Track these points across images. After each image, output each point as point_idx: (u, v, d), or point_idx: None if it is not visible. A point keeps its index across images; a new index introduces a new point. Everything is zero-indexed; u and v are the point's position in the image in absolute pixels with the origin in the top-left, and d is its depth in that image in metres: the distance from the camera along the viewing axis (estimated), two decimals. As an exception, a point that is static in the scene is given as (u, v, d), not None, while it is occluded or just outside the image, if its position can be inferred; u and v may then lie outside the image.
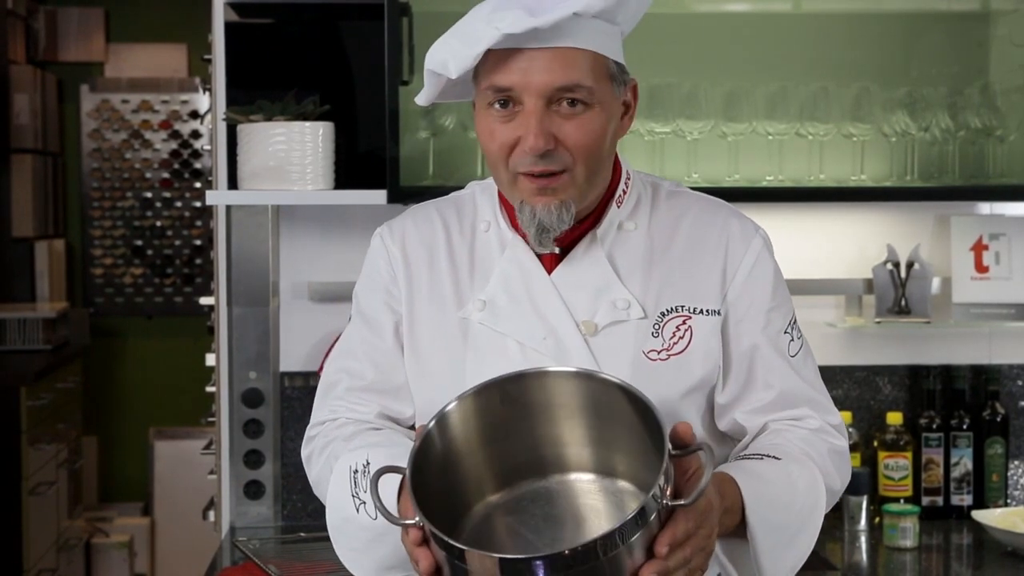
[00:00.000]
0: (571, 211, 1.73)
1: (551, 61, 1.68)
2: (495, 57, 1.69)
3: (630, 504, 1.56)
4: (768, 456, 1.72)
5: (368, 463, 1.70)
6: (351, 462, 1.73)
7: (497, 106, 1.71)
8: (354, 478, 1.71)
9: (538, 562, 1.42)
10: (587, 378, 1.60)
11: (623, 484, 1.60)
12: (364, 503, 1.69)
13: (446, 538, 1.46)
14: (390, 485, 1.64)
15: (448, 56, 1.71)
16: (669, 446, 1.48)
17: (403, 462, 1.58)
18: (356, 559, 1.77)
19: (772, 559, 1.67)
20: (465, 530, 1.60)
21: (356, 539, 1.74)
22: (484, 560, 1.44)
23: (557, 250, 1.79)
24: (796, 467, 1.72)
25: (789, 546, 1.69)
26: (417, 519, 1.49)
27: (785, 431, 1.78)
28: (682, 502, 1.47)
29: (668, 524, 1.47)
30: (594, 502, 1.61)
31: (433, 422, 1.59)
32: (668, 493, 1.47)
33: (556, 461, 1.64)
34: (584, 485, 1.63)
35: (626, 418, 1.57)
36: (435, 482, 1.56)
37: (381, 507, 1.54)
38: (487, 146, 1.74)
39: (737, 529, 1.65)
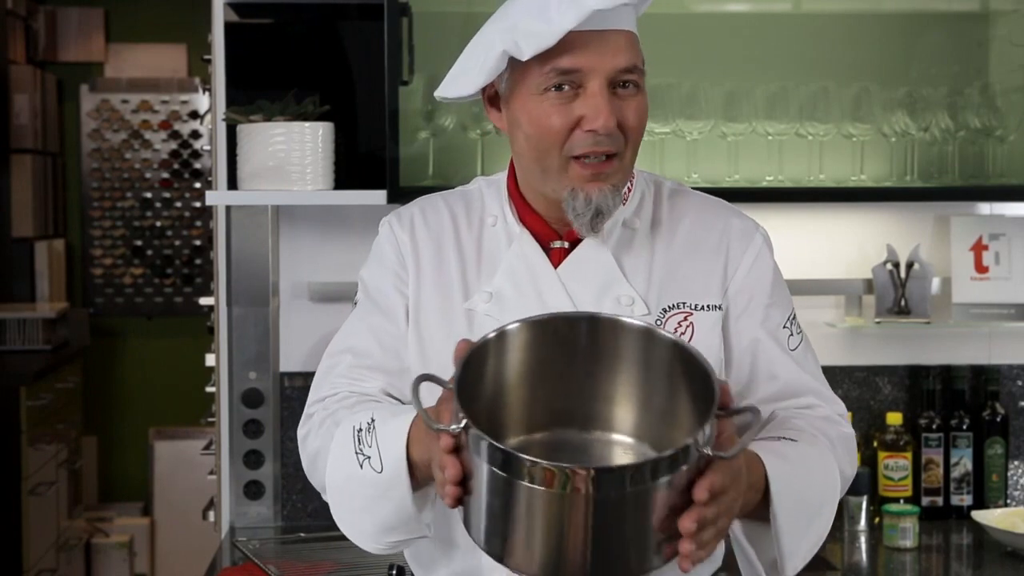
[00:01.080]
0: (620, 194, 1.77)
1: (618, 42, 1.72)
2: (560, 40, 1.70)
3: None
4: (784, 438, 1.73)
5: (373, 420, 1.69)
6: (355, 422, 1.71)
7: (553, 90, 1.72)
8: (358, 435, 1.69)
9: (590, 473, 1.40)
10: (647, 333, 1.58)
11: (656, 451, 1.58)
12: (368, 458, 1.67)
13: (492, 441, 1.42)
14: (395, 432, 1.63)
15: (520, 37, 1.70)
16: (718, 402, 1.47)
17: (405, 422, 1.57)
18: (356, 521, 1.74)
19: (792, 540, 1.67)
20: None
21: (358, 497, 1.71)
22: (534, 469, 1.40)
23: (566, 244, 1.81)
24: (812, 449, 1.72)
25: (808, 528, 1.69)
26: (454, 427, 1.45)
27: (795, 417, 1.78)
28: (723, 454, 1.46)
29: (707, 473, 1.46)
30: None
31: (493, 334, 1.56)
32: (710, 444, 1.46)
33: (603, 417, 1.62)
34: (622, 448, 1.61)
35: (677, 380, 1.57)
36: (480, 402, 1.52)
37: (420, 408, 1.49)
38: (538, 131, 1.74)
39: (758, 511, 1.65)
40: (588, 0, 1.67)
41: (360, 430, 1.69)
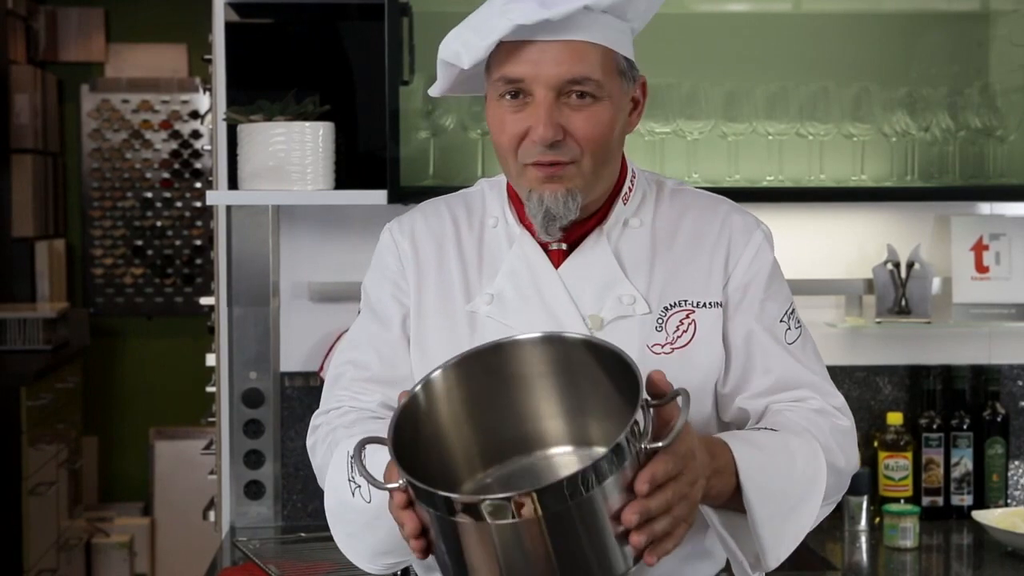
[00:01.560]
0: (577, 200, 1.75)
1: (562, 53, 1.71)
2: (507, 49, 1.72)
3: None
4: (764, 428, 1.73)
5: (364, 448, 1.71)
6: (348, 447, 1.74)
7: (508, 97, 1.74)
8: (351, 462, 1.73)
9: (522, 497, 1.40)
10: (557, 341, 1.60)
11: (600, 450, 1.58)
12: (359, 487, 1.71)
13: (427, 487, 1.44)
14: (381, 460, 1.64)
15: (461, 47, 1.74)
16: (644, 390, 1.47)
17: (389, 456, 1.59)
18: (352, 544, 1.78)
19: (771, 530, 1.66)
20: None
21: (352, 523, 1.76)
22: (469, 505, 1.42)
23: (564, 246, 1.81)
24: (794, 438, 1.71)
25: (788, 518, 1.68)
26: (400, 482, 1.48)
27: (786, 411, 1.78)
28: (659, 444, 1.46)
29: (647, 464, 1.46)
30: None
31: (419, 386, 1.59)
32: (647, 437, 1.46)
33: (537, 436, 1.63)
34: (564, 459, 1.62)
35: (599, 377, 1.57)
36: (423, 455, 1.55)
37: (365, 473, 1.52)
38: (497, 137, 1.77)
39: (735, 503, 1.64)
40: (513, 15, 1.69)
41: (352, 457, 1.71)
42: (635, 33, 1.82)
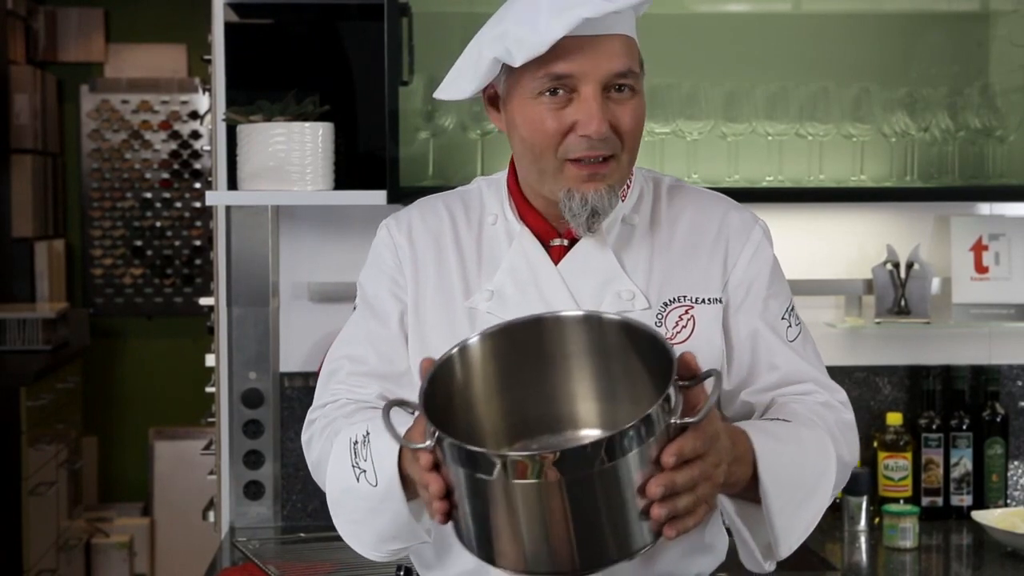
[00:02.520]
0: (616, 194, 1.77)
1: (611, 47, 1.72)
2: (553, 45, 1.71)
3: None
4: (778, 419, 1.74)
5: (368, 433, 1.71)
6: (351, 434, 1.74)
7: (547, 94, 1.73)
8: (354, 448, 1.72)
9: (559, 454, 1.42)
10: (596, 322, 1.61)
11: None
12: (364, 472, 1.70)
13: (463, 444, 1.45)
14: (385, 446, 1.66)
15: (512, 44, 1.71)
16: (676, 371, 1.48)
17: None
18: (355, 531, 1.77)
19: (784, 520, 1.67)
20: None
21: (356, 510, 1.74)
22: (505, 462, 1.42)
23: (566, 242, 1.82)
24: (806, 430, 1.72)
25: (801, 508, 1.69)
26: (429, 443, 1.49)
27: (792, 403, 1.79)
28: (690, 419, 1.47)
29: (676, 439, 1.47)
30: None
31: (456, 349, 1.59)
32: (676, 414, 1.47)
33: (567, 418, 1.64)
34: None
35: (632, 362, 1.58)
36: (451, 421, 1.55)
37: (394, 432, 1.53)
38: (532, 135, 1.75)
39: (750, 493, 1.65)
40: (577, 9, 1.68)
41: (356, 443, 1.72)
42: None
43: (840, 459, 1.76)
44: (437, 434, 1.48)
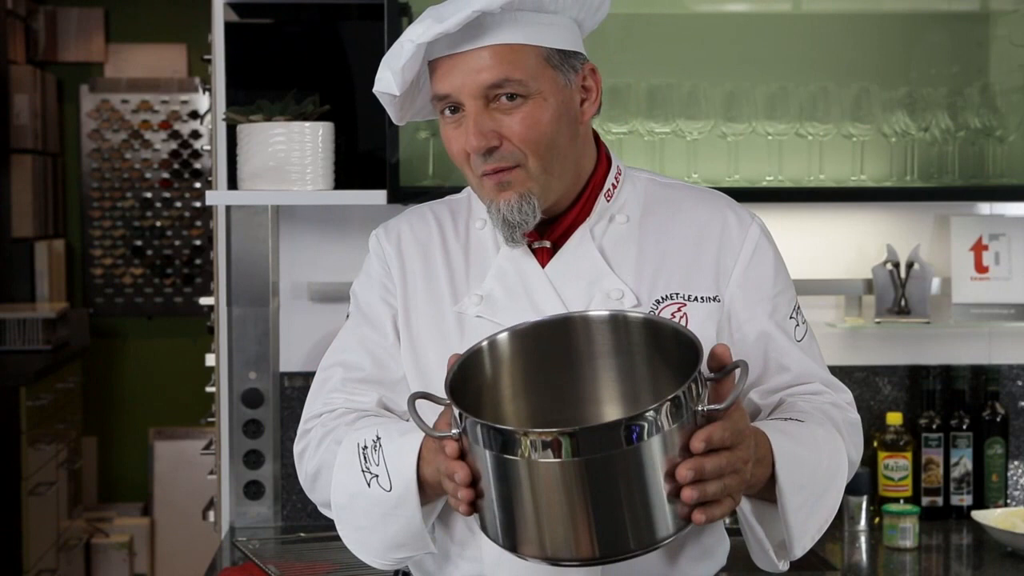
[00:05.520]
0: (533, 204, 1.75)
1: (477, 61, 1.72)
2: (432, 68, 1.75)
3: None
4: (791, 419, 1.74)
5: (379, 437, 1.70)
6: (359, 439, 1.73)
7: (447, 113, 1.76)
8: (363, 453, 1.71)
9: (594, 431, 1.43)
10: (621, 321, 1.61)
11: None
12: (376, 476, 1.69)
13: (491, 423, 1.46)
14: (395, 449, 1.66)
15: (381, 77, 1.77)
16: (703, 359, 1.49)
17: (414, 441, 1.60)
18: (362, 538, 1.76)
19: (799, 519, 1.68)
20: None
21: (365, 515, 1.73)
22: (529, 438, 1.43)
23: (548, 244, 1.82)
24: (819, 429, 1.73)
25: (815, 508, 1.70)
26: (455, 431, 1.50)
27: (801, 402, 1.80)
28: (716, 407, 1.47)
29: (704, 427, 1.47)
30: None
31: (485, 343, 1.60)
32: (703, 401, 1.48)
33: (595, 419, 1.65)
34: None
35: (657, 363, 1.59)
36: (477, 413, 1.55)
37: (422, 424, 1.54)
38: (449, 154, 1.78)
39: (765, 492, 1.66)
40: (411, 34, 1.71)
41: (365, 448, 1.71)
42: (580, 21, 1.81)
43: (849, 458, 1.77)
44: (464, 418, 1.48)
